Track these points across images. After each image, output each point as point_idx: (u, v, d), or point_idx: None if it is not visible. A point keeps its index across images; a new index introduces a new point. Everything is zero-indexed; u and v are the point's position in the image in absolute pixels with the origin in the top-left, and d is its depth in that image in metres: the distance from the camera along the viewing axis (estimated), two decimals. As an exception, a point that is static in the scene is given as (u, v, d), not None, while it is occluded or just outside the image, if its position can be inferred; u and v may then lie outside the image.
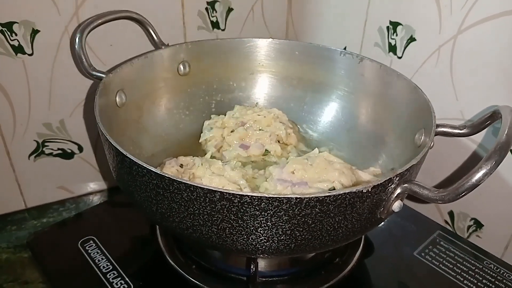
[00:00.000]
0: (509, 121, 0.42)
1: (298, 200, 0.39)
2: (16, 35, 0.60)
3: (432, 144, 0.49)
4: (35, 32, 0.61)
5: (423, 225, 0.66)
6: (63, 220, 0.68)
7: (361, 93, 0.67)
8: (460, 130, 0.52)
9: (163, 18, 0.70)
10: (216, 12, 0.76)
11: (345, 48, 0.76)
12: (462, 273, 0.58)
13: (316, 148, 0.62)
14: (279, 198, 0.38)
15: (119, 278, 0.55)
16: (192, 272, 0.56)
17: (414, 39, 0.65)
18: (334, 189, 0.53)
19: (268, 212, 0.39)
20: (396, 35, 0.67)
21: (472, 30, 0.58)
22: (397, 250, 0.62)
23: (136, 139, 0.63)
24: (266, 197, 0.38)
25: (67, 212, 0.72)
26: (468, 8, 0.57)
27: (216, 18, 0.76)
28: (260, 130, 0.67)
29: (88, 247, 0.59)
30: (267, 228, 0.41)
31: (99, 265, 0.57)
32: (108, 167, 0.53)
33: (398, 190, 0.42)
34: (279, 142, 0.67)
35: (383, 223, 0.64)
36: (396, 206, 0.43)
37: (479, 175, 0.37)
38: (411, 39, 0.65)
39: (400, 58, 0.68)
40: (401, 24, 0.66)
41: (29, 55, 0.62)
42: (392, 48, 0.69)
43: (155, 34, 0.66)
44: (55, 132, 0.69)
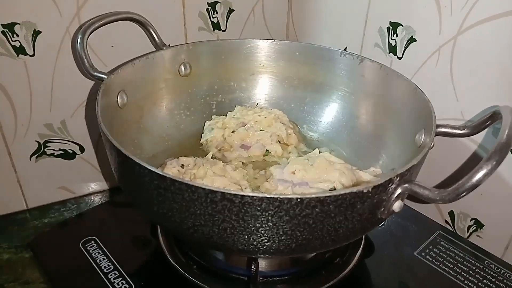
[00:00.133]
0: (509, 121, 0.42)
1: (299, 200, 0.39)
2: (17, 36, 0.60)
3: (432, 144, 0.49)
4: (36, 33, 0.61)
5: (424, 225, 0.67)
6: (65, 221, 0.69)
7: (361, 93, 0.67)
8: (461, 130, 0.53)
9: (164, 19, 0.70)
10: (217, 13, 0.76)
11: (345, 49, 0.76)
12: (463, 273, 0.58)
13: (316, 149, 0.62)
14: (280, 198, 0.38)
15: (120, 278, 0.55)
16: (193, 272, 0.56)
17: (415, 40, 0.65)
18: (335, 189, 0.53)
19: (269, 212, 0.39)
20: (397, 35, 0.67)
21: (472, 31, 0.58)
22: (397, 250, 0.62)
23: (137, 140, 0.63)
24: (267, 197, 0.38)
25: (68, 213, 0.72)
26: (468, 8, 0.58)
27: (217, 19, 0.76)
28: (261, 130, 0.67)
29: (89, 247, 0.59)
30: (268, 228, 0.41)
31: (100, 265, 0.57)
32: (109, 167, 0.53)
33: (399, 190, 0.42)
34: (279, 142, 0.68)
35: (383, 223, 0.65)
36: (397, 206, 0.43)
37: (479, 175, 0.37)
38: (412, 40, 0.66)
39: (400, 58, 0.68)
40: (401, 25, 0.66)
41: (30, 56, 0.62)
42: (393, 49, 0.69)
43: (156, 35, 0.66)
44: (57, 132, 0.69)
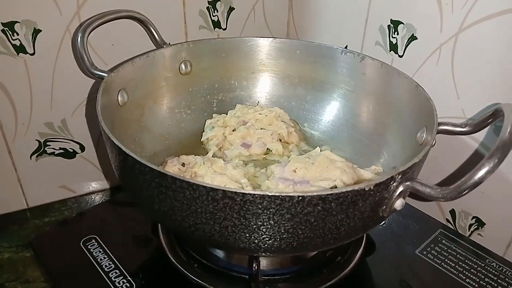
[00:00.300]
0: (511, 119, 0.42)
1: (301, 198, 0.39)
2: (17, 34, 0.60)
3: (434, 142, 0.49)
4: (36, 31, 0.61)
5: (425, 223, 0.66)
6: (65, 220, 0.69)
7: (362, 91, 0.67)
8: (462, 128, 0.52)
9: (165, 17, 0.70)
10: (217, 11, 0.76)
11: (346, 47, 0.76)
12: (464, 271, 0.58)
13: (317, 147, 0.62)
14: (282, 196, 0.38)
15: (121, 277, 0.55)
16: (194, 271, 0.56)
17: (415, 38, 0.65)
18: (336, 187, 0.53)
19: (271, 210, 0.39)
20: (397, 33, 0.67)
21: (473, 29, 0.58)
22: (399, 249, 0.62)
23: (138, 138, 0.63)
24: (269, 195, 0.38)
25: (69, 212, 0.72)
26: (469, 6, 0.57)
27: (217, 17, 0.76)
28: (261, 129, 0.67)
29: (90, 246, 0.59)
30: (269, 226, 0.41)
31: (101, 264, 0.57)
32: (110, 166, 0.53)
33: (400, 188, 0.42)
34: (280, 140, 0.67)
35: (384, 222, 0.65)
36: (398, 204, 0.43)
37: (481, 173, 0.37)
38: (412, 38, 0.65)
39: (401, 56, 0.68)
40: (402, 23, 0.66)
41: (30, 54, 0.62)
42: (393, 47, 0.69)
43: (156, 33, 0.66)
44: (57, 131, 0.69)
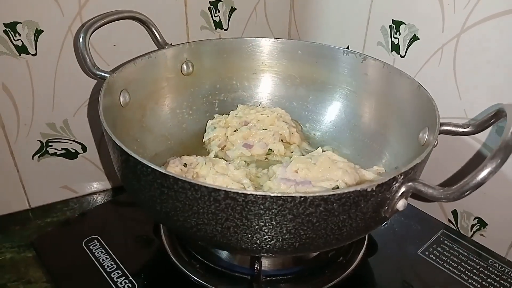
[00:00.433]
0: (514, 119, 0.42)
1: (303, 199, 0.38)
2: (19, 35, 0.60)
3: (436, 142, 0.49)
4: (38, 32, 0.61)
5: (427, 224, 0.66)
6: (67, 220, 0.69)
7: (364, 92, 0.67)
8: (464, 128, 0.52)
9: (166, 18, 0.70)
10: (219, 12, 0.76)
11: (348, 47, 0.76)
12: (467, 272, 0.58)
13: (319, 147, 0.62)
14: (284, 197, 0.38)
15: (123, 278, 0.55)
16: (196, 271, 0.56)
17: (417, 38, 0.65)
18: (338, 188, 0.53)
19: (273, 211, 0.39)
20: (399, 34, 0.67)
21: (475, 29, 0.58)
22: (401, 249, 0.62)
23: (140, 139, 0.63)
24: (271, 196, 0.38)
25: (71, 212, 0.72)
26: (471, 6, 0.57)
27: (219, 18, 0.76)
28: (263, 129, 0.67)
29: (92, 247, 0.59)
30: (271, 227, 0.41)
31: (103, 264, 0.57)
32: (112, 166, 0.53)
33: (403, 189, 0.42)
34: (282, 141, 0.67)
35: (386, 222, 0.64)
36: (401, 204, 0.43)
37: (484, 174, 0.37)
38: (414, 38, 0.65)
39: (403, 57, 0.68)
40: (404, 23, 0.66)
41: (32, 55, 0.62)
42: (395, 47, 0.69)
43: (158, 34, 0.66)
44: (59, 132, 0.69)
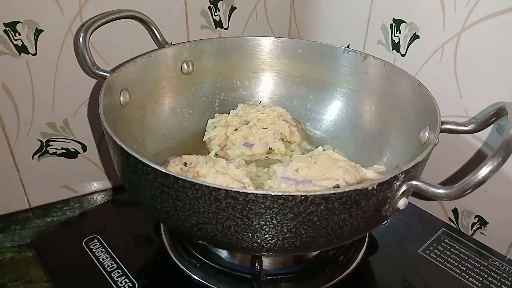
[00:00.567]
0: (515, 117, 0.42)
1: (304, 197, 0.38)
2: (19, 34, 0.60)
3: (437, 141, 0.49)
4: (38, 31, 0.61)
5: (428, 222, 0.66)
6: (67, 219, 0.69)
7: (364, 90, 0.67)
8: (465, 127, 0.52)
9: (167, 17, 0.70)
10: (219, 11, 0.76)
11: (348, 46, 0.76)
12: (467, 270, 0.58)
13: (320, 146, 0.62)
14: (284, 196, 0.38)
15: (124, 277, 0.55)
16: (196, 271, 0.56)
17: (418, 37, 0.65)
18: (339, 187, 0.53)
19: (273, 210, 0.39)
20: (400, 32, 0.67)
21: (476, 27, 0.58)
22: (401, 248, 0.62)
23: (140, 138, 0.63)
24: (271, 194, 0.38)
25: (71, 211, 0.72)
26: (472, 5, 0.57)
27: (219, 17, 0.76)
28: (263, 128, 0.67)
29: (93, 246, 0.59)
30: (272, 226, 0.41)
31: (104, 264, 0.57)
32: (112, 166, 0.53)
33: (404, 188, 0.42)
34: (282, 140, 0.67)
35: (387, 221, 0.64)
36: (402, 203, 0.43)
37: (485, 172, 0.37)
38: (415, 37, 0.65)
39: (403, 55, 0.68)
40: (404, 22, 0.66)
41: (32, 54, 0.62)
42: (396, 46, 0.68)
43: (158, 33, 0.66)
44: (59, 131, 0.69)
